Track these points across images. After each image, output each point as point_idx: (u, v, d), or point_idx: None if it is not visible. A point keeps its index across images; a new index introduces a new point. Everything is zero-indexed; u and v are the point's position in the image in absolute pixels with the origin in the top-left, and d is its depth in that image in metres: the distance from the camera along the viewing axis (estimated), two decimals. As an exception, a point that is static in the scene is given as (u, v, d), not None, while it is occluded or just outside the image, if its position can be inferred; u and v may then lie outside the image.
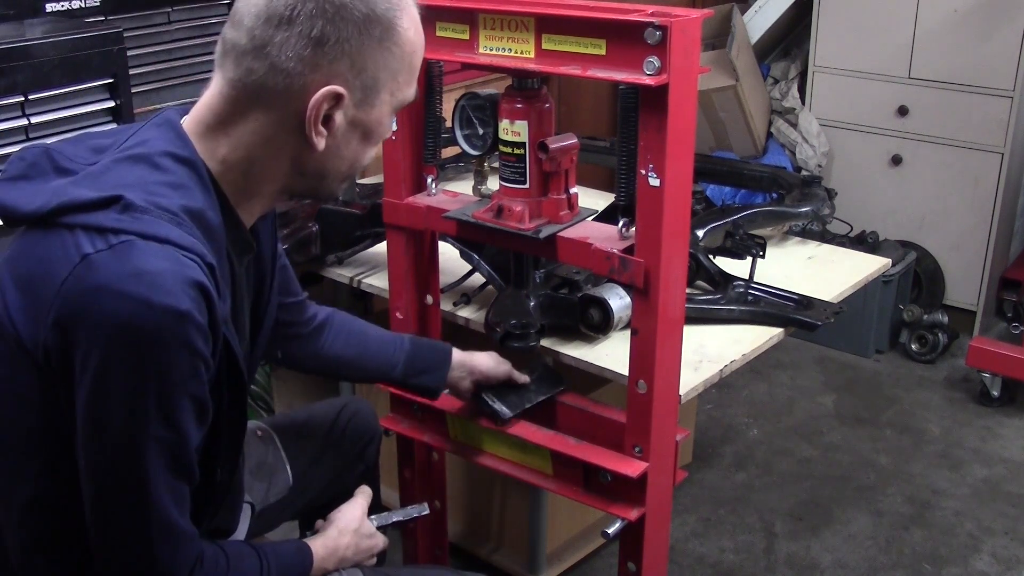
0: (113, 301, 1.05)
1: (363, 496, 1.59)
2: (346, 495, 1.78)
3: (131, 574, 1.18)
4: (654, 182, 1.40)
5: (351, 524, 1.52)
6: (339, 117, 1.19)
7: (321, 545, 1.45)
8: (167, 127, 1.20)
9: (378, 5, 1.17)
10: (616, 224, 1.55)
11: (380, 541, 1.56)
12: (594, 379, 1.82)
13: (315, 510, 1.79)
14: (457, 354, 1.71)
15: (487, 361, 1.74)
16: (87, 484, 1.14)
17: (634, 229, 1.48)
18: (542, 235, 1.58)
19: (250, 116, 1.18)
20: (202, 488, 1.25)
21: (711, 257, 2.03)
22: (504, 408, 1.71)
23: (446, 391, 1.74)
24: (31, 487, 1.19)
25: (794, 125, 3.79)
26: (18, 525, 1.21)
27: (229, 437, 1.28)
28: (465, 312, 1.99)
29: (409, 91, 1.25)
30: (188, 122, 1.22)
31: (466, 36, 1.55)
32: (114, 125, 1.99)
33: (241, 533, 1.57)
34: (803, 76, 3.87)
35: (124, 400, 1.08)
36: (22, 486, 1.19)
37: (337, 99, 1.17)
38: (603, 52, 1.39)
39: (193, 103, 1.23)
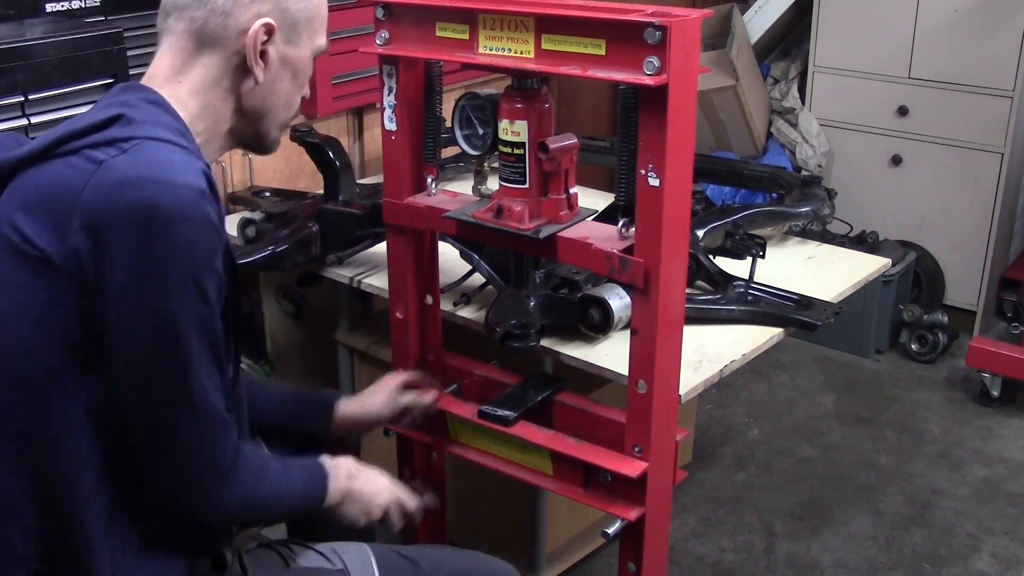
0: (138, 188, 1.14)
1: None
2: None
3: (179, 464, 1.24)
4: (654, 182, 1.40)
5: (371, 473, 1.55)
6: (272, 51, 1.34)
7: (331, 463, 1.48)
8: (127, 87, 1.33)
9: None
10: (616, 224, 1.55)
11: (403, 495, 1.57)
12: (594, 379, 1.81)
13: None
14: (345, 404, 1.72)
15: (373, 403, 1.75)
16: (130, 378, 1.19)
17: (634, 229, 1.48)
18: (542, 235, 1.58)
19: (200, 61, 1.33)
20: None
21: (711, 257, 2.03)
22: (507, 412, 1.71)
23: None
24: (84, 402, 1.21)
25: (794, 125, 3.79)
26: (76, 441, 1.22)
27: (231, 333, 1.33)
28: (465, 312, 1.99)
29: (322, 39, 1.43)
30: (144, 80, 1.34)
31: (466, 36, 1.55)
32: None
33: None
34: (803, 76, 3.87)
35: (161, 278, 1.16)
36: (76, 401, 1.21)
37: (269, 32, 1.33)
38: (603, 52, 1.39)
39: (135, 84, 1.35)
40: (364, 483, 1.52)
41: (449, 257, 1.97)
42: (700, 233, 2.05)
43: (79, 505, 1.23)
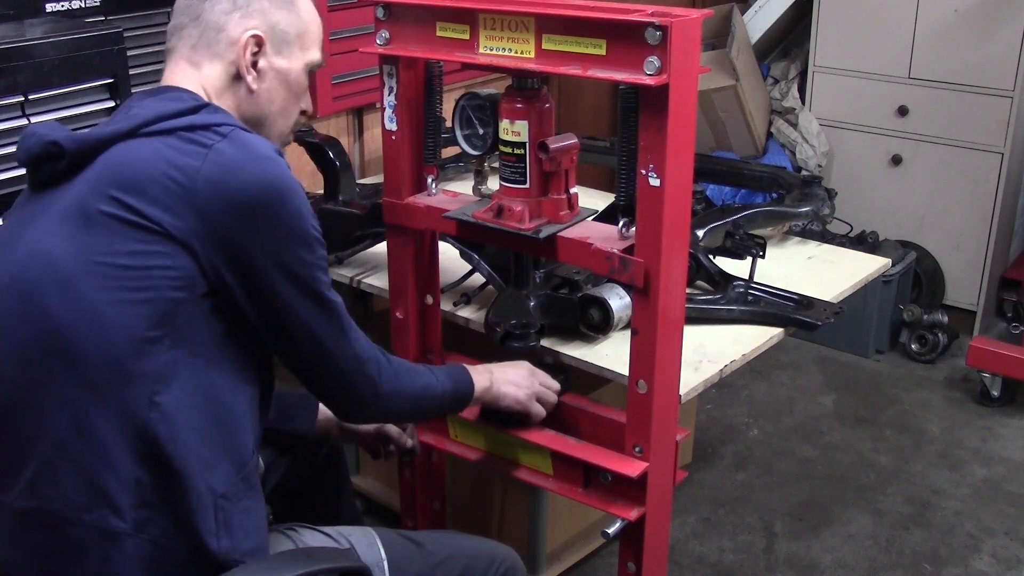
0: (253, 165, 1.28)
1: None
2: (315, 476, 1.86)
3: (351, 372, 1.42)
4: (654, 182, 1.41)
5: (507, 366, 1.72)
6: (263, 62, 1.43)
7: (470, 370, 1.64)
8: (169, 88, 1.41)
9: None
10: (616, 224, 1.55)
11: (536, 388, 1.72)
12: (594, 379, 1.81)
13: (286, 493, 1.83)
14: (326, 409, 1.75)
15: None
16: (289, 330, 1.34)
17: (634, 229, 1.48)
18: (542, 235, 1.58)
19: (204, 72, 1.42)
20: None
21: (711, 257, 2.03)
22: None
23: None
24: (176, 356, 1.27)
25: (794, 125, 3.79)
26: (171, 389, 1.27)
27: None
28: (465, 312, 1.99)
29: (316, 54, 1.50)
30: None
31: (466, 36, 1.55)
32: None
33: None
34: (803, 76, 3.87)
35: (297, 239, 1.32)
36: (169, 354, 1.27)
37: (259, 44, 1.42)
38: (603, 52, 1.39)
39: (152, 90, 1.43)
40: (504, 378, 1.68)
41: (449, 257, 1.97)
42: (700, 233, 2.05)
43: (175, 452, 1.27)
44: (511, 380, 1.69)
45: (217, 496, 1.30)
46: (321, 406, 1.75)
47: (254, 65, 1.43)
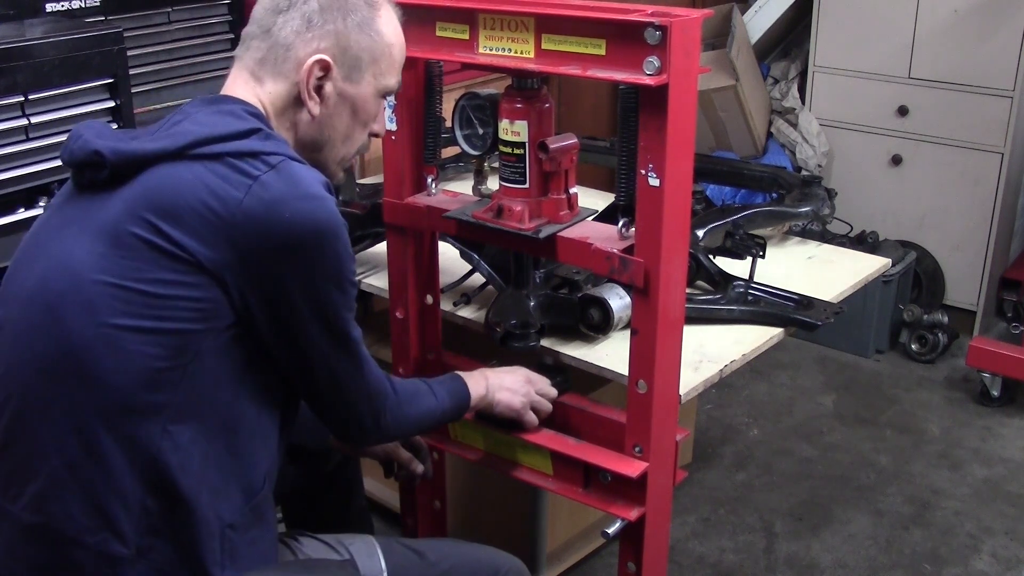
0: (297, 204, 1.25)
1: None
2: (327, 480, 1.84)
3: (360, 401, 1.42)
4: (654, 182, 1.40)
5: (502, 372, 1.71)
6: (329, 87, 1.38)
7: (467, 378, 1.64)
8: (226, 99, 1.38)
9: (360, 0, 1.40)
10: (616, 224, 1.55)
11: (532, 396, 1.70)
12: (594, 379, 1.81)
13: (297, 496, 1.83)
14: None
15: None
16: (309, 360, 1.34)
17: (634, 229, 1.48)
18: (542, 235, 1.58)
19: (266, 89, 1.38)
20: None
21: (711, 257, 2.03)
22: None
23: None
24: (188, 388, 1.27)
25: (794, 125, 3.79)
26: (182, 421, 1.26)
27: None
28: (465, 312, 1.99)
29: (392, 80, 1.45)
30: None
31: (466, 36, 1.55)
32: (114, 125, 1.99)
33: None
34: (803, 76, 3.87)
35: (333, 282, 1.30)
36: (182, 386, 1.26)
37: (325, 69, 1.37)
38: (603, 52, 1.39)
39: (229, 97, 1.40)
40: (499, 384, 1.67)
41: (449, 257, 1.97)
42: (700, 233, 2.05)
43: (185, 482, 1.26)
44: (507, 386, 1.68)
45: (225, 525, 1.30)
46: None
47: (319, 89, 1.38)
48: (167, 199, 1.24)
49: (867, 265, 2.23)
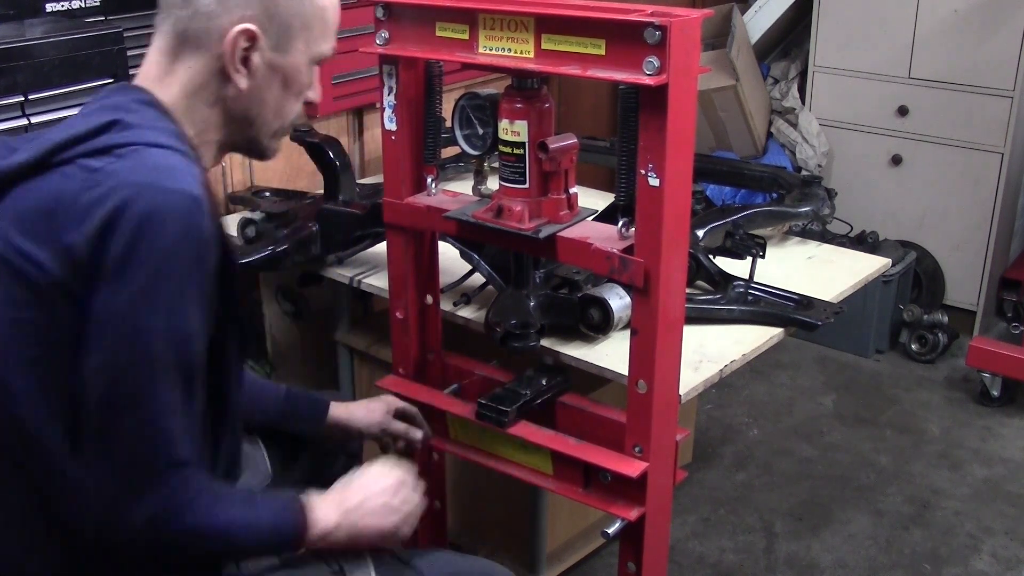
0: (130, 190, 1.12)
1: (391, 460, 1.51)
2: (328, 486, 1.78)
3: (120, 481, 1.17)
4: (654, 182, 1.40)
5: (369, 479, 1.43)
6: (256, 58, 1.29)
7: (317, 498, 1.37)
8: (121, 89, 1.31)
9: None
10: (616, 224, 1.55)
11: (406, 509, 1.45)
12: (594, 379, 1.81)
13: None
14: (334, 409, 1.70)
15: (361, 418, 1.73)
16: (94, 383, 1.15)
17: (634, 229, 1.48)
18: (542, 235, 1.58)
19: (184, 63, 1.29)
20: (216, 414, 1.31)
21: (711, 257, 2.03)
22: (504, 408, 1.70)
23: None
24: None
25: (794, 125, 3.79)
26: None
27: (234, 358, 1.32)
28: (465, 312, 1.99)
29: (325, 46, 1.36)
30: (138, 80, 1.32)
31: (466, 36, 1.55)
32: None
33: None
34: (803, 76, 3.87)
35: (137, 283, 1.13)
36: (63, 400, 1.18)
37: (252, 39, 1.27)
38: (603, 52, 1.39)
39: (127, 85, 1.34)
40: (365, 508, 1.40)
41: (449, 257, 1.97)
42: (700, 233, 2.05)
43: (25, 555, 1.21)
44: (374, 510, 1.40)
45: None
46: (333, 408, 1.72)
47: (245, 61, 1.28)
48: (22, 211, 1.17)
49: (867, 265, 2.23)
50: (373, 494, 1.41)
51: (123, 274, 1.12)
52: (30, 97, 1.85)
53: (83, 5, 2.10)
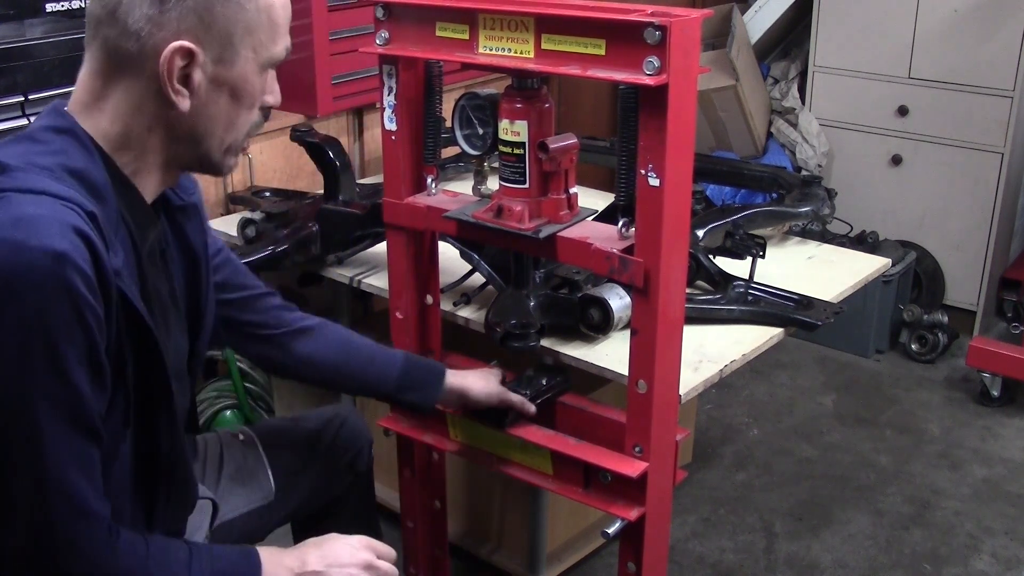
0: None
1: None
2: (334, 505, 1.77)
3: (30, 547, 1.12)
4: (654, 182, 1.40)
5: (332, 544, 1.36)
6: (197, 75, 1.19)
7: (277, 552, 1.32)
8: (50, 111, 1.23)
9: None
10: (616, 224, 1.55)
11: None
12: (594, 379, 1.81)
13: (306, 519, 1.78)
14: (450, 377, 1.69)
15: (480, 388, 1.70)
16: None
17: (634, 229, 1.48)
18: (542, 235, 1.58)
19: (118, 86, 1.20)
20: (146, 467, 1.25)
21: (711, 257, 2.03)
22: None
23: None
24: None
25: (794, 125, 3.79)
26: None
27: (161, 409, 1.25)
28: (465, 312, 1.99)
29: (275, 48, 1.25)
30: (69, 104, 1.23)
31: (466, 36, 1.55)
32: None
33: (201, 529, 1.53)
34: (803, 76, 3.87)
35: (7, 350, 1.06)
36: None
37: (189, 55, 1.17)
38: (603, 52, 1.39)
39: (58, 107, 1.26)
40: (331, 558, 1.33)
41: (449, 257, 1.97)
42: (700, 233, 2.05)
43: None
44: (341, 562, 1.33)
45: None
46: (449, 375, 1.68)
47: (185, 80, 1.18)
48: None
49: (867, 265, 2.23)
50: (340, 553, 1.35)
51: None
52: (30, 97, 1.86)
53: (83, 5, 2.10)
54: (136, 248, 1.23)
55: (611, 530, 1.62)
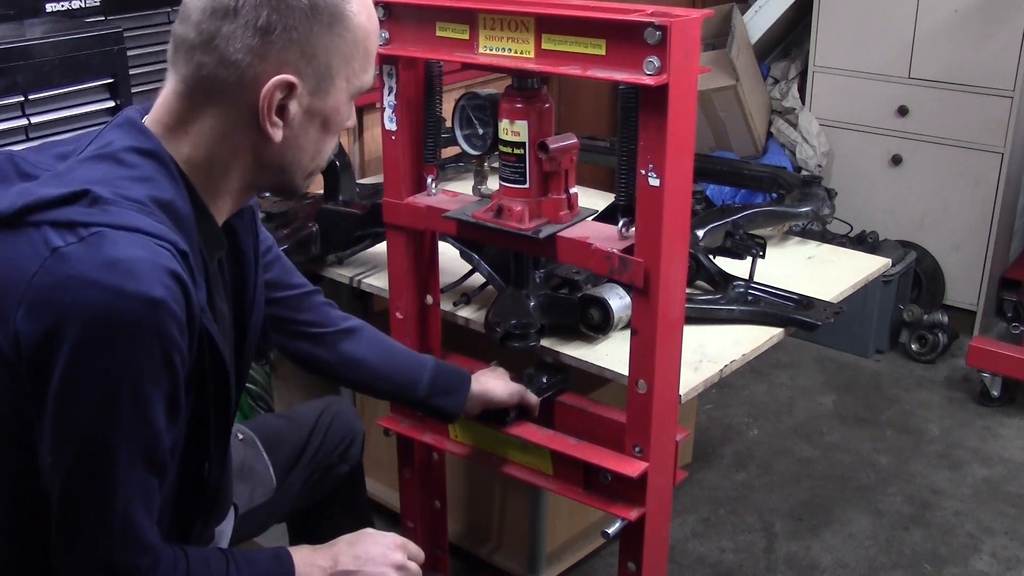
0: (86, 290, 1.03)
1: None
2: (331, 496, 1.79)
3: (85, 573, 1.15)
4: (654, 182, 1.40)
5: (365, 542, 1.37)
6: (294, 107, 1.18)
7: (308, 551, 1.34)
8: (129, 126, 1.19)
9: None
10: (616, 224, 1.55)
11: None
12: (594, 379, 1.81)
13: (302, 513, 1.80)
14: (474, 383, 1.70)
15: (502, 389, 1.71)
16: (54, 481, 1.11)
17: (634, 229, 1.48)
18: (542, 235, 1.58)
19: (206, 112, 1.17)
20: (191, 487, 1.26)
21: (711, 257, 2.03)
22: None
23: None
24: (8, 487, 1.17)
25: (794, 125, 3.79)
26: None
27: (216, 433, 1.26)
28: (465, 312, 1.99)
29: (366, 77, 1.24)
30: (148, 122, 1.20)
31: (466, 36, 1.55)
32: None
33: (226, 534, 1.55)
34: (803, 76, 3.87)
35: (95, 394, 1.06)
36: (1, 486, 1.17)
37: (289, 88, 1.16)
38: (603, 52, 1.39)
39: (152, 104, 1.23)
40: (363, 555, 1.34)
41: (449, 257, 1.97)
42: (700, 233, 2.05)
43: None
44: (373, 557, 1.35)
45: None
46: (475, 381, 1.68)
47: (281, 111, 1.16)
48: None
49: (867, 265, 2.23)
50: (372, 550, 1.35)
51: (77, 382, 1.05)
52: (30, 97, 1.86)
53: (83, 5, 2.11)
54: (207, 274, 1.23)
55: (611, 530, 1.62)
